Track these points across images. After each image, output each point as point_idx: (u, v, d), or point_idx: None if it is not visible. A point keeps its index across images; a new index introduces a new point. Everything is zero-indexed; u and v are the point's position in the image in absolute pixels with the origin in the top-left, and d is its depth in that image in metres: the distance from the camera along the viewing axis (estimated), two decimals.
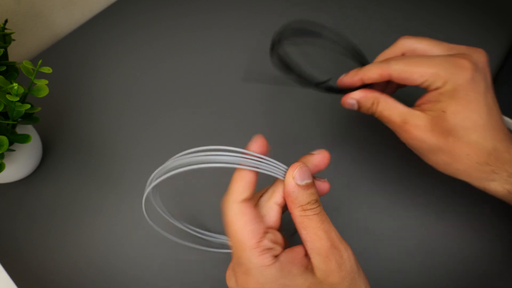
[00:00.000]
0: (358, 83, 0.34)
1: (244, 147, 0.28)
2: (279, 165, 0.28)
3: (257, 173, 0.27)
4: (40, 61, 0.37)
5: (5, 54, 0.40)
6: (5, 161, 0.37)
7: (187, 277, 0.39)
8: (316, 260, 0.26)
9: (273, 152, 0.45)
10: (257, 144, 0.27)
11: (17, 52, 0.55)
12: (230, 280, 0.29)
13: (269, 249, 0.26)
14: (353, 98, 0.34)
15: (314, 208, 0.27)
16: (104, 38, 0.57)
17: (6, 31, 0.40)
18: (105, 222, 0.42)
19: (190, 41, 0.56)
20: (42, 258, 0.41)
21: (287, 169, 0.28)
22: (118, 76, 0.53)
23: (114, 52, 0.56)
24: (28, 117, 0.40)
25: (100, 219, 0.43)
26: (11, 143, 0.36)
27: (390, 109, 0.33)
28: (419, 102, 0.32)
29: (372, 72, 0.32)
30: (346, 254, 0.26)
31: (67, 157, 0.47)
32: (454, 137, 0.30)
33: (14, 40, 0.41)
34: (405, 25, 0.56)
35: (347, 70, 0.36)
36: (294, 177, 0.27)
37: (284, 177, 0.28)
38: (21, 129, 0.41)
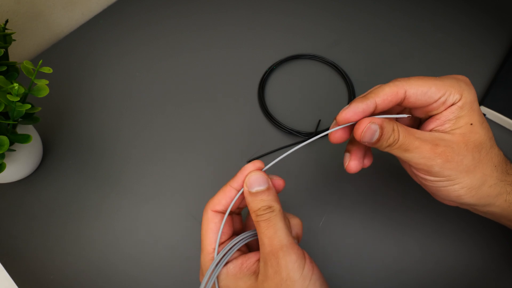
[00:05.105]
0: (371, 109, 0.28)
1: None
2: None
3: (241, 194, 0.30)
4: (40, 61, 0.37)
5: (6, 54, 0.40)
6: (5, 161, 0.37)
7: (187, 277, 0.39)
8: (260, 264, 0.28)
9: (273, 146, 0.45)
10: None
11: (17, 52, 0.55)
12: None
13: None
14: (375, 123, 0.28)
15: (263, 214, 0.28)
16: (104, 38, 0.57)
17: (6, 31, 0.40)
18: (105, 222, 0.43)
19: (190, 41, 0.56)
20: (42, 258, 0.41)
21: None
22: (118, 76, 0.53)
23: (114, 52, 0.56)
24: (28, 117, 0.40)
25: (100, 219, 0.43)
26: (11, 143, 0.36)
27: (413, 136, 0.28)
28: (431, 127, 0.29)
29: (386, 91, 0.27)
30: (284, 262, 0.26)
31: (67, 157, 0.47)
32: (485, 149, 0.29)
33: (14, 40, 0.42)
34: (405, 24, 0.56)
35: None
36: (246, 184, 0.29)
37: None
38: (21, 129, 0.41)
